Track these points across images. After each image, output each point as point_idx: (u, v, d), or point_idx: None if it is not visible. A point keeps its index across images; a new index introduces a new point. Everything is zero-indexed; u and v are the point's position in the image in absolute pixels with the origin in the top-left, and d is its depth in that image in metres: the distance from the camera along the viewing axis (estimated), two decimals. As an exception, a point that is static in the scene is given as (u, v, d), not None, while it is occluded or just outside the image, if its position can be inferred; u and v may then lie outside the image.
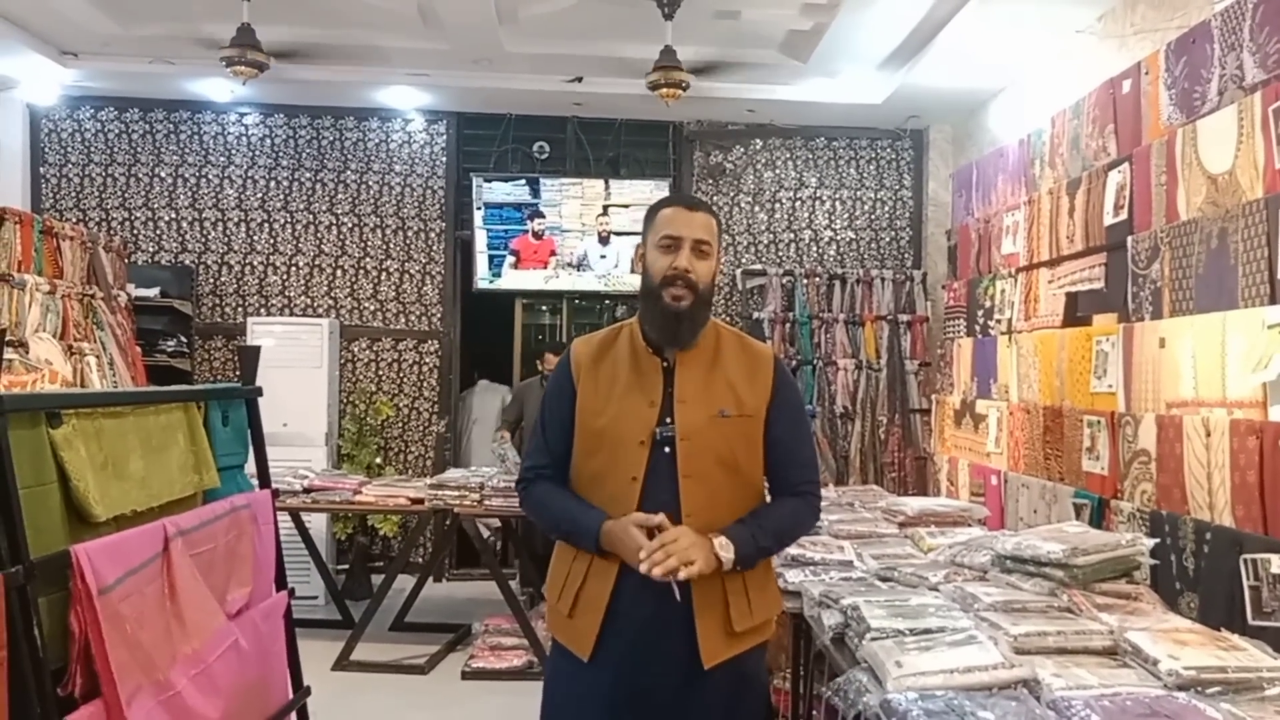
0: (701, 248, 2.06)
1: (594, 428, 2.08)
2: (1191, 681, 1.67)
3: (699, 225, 2.07)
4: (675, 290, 2.03)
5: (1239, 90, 3.19)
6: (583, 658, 2.03)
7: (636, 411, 2.06)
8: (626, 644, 2.01)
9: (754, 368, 2.13)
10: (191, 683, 2.11)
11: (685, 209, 2.09)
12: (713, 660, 2.00)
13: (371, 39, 5.89)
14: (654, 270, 2.07)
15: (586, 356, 2.15)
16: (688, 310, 2.04)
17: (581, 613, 2.05)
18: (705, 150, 7.16)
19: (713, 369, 2.11)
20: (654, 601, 1.98)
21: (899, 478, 6.64)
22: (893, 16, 5.23)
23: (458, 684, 4.76)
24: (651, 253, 2.09)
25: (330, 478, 5.27)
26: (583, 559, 2.07)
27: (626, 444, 2.04)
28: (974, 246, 5.42)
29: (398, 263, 7.05)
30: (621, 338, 2.17)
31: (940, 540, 2.89)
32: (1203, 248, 3.21)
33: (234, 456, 2.85)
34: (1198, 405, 3.13)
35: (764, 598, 2.11)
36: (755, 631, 2.09)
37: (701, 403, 2.06)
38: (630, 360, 2.12)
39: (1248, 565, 2.72)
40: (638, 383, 2.09)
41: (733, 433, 2.07)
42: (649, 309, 2.10)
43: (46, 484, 1.88)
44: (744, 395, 2.09)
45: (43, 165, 6.87)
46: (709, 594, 2.01)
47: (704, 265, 2.06)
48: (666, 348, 2.10)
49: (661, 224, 2.08)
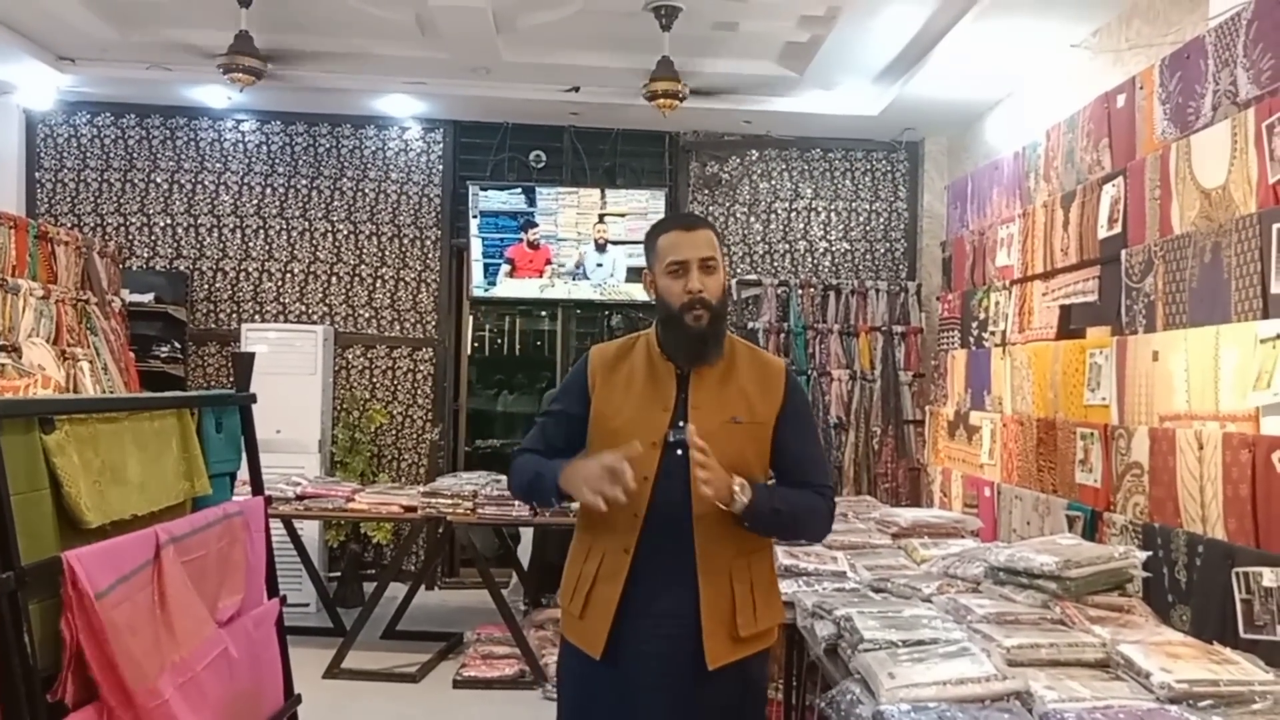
0: (708, 264, 2.12)
1: (609, 429, 2.14)
2: (1184, 694, 1.67)
3: (702, 243, 2.13)
4: (696, 313, 2.10)
5: (1233, 105, 3.20)
6: (594, 656, 2.08)
7: (651, 414, 2.13)
8: (636, 643, 2.06)
9: (766, 378, 2.20)
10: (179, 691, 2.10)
11: (685, 230, 2.17)
12: (717, 662, 2.04)
13: (369, 47, 5.90)
14: (670, 297, 2.13)
15: (603, 362, 2.23)
16: (710, 330, 2.12)
17: (592, 613, 2.10)
18: (701, 161, 7.18)
19: (727, 378, 2.17)
20: (662, 602, 2.05)
21: (892, 489, 6.64)
22: (889, 29, 5.25)
23: (449, 693, 4.74)
24: (663, 280, 2.15)
25: (323, 485, 5.26)
26: (593, 560, 2.12)
27: (640, 445, 2.07)
28: (968, 258, 5.43)
29: (393, 270, 7.05)
30: (638, 347, 2.24)
31: (933, 552, 2.89)
32: (1196, 261, 3.22)
33: (227, 463, 2.84)
34: (1191, 418, 3.14)
35: (769, 605, 2.16)
36: (759, 638, 2.13)
37: (715, 409, 2.12)
38: (646, 368, 2.19)
39: (1240, 578, 2.73)
40: (653, 388, 2.16)
41: (744, 438, 2.13)
42: (672, 334, 2.16)
43: (38, 490, 1.87)
44: (756, 404, 2.16)
45: (38, 170, 6.86)
46: (716, 597, 2.05)
47: (714, 281, 2.13)
48: (692, 366, 2.16)
49: (665, 250, 2.15)
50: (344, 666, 4.87)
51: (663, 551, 2.06)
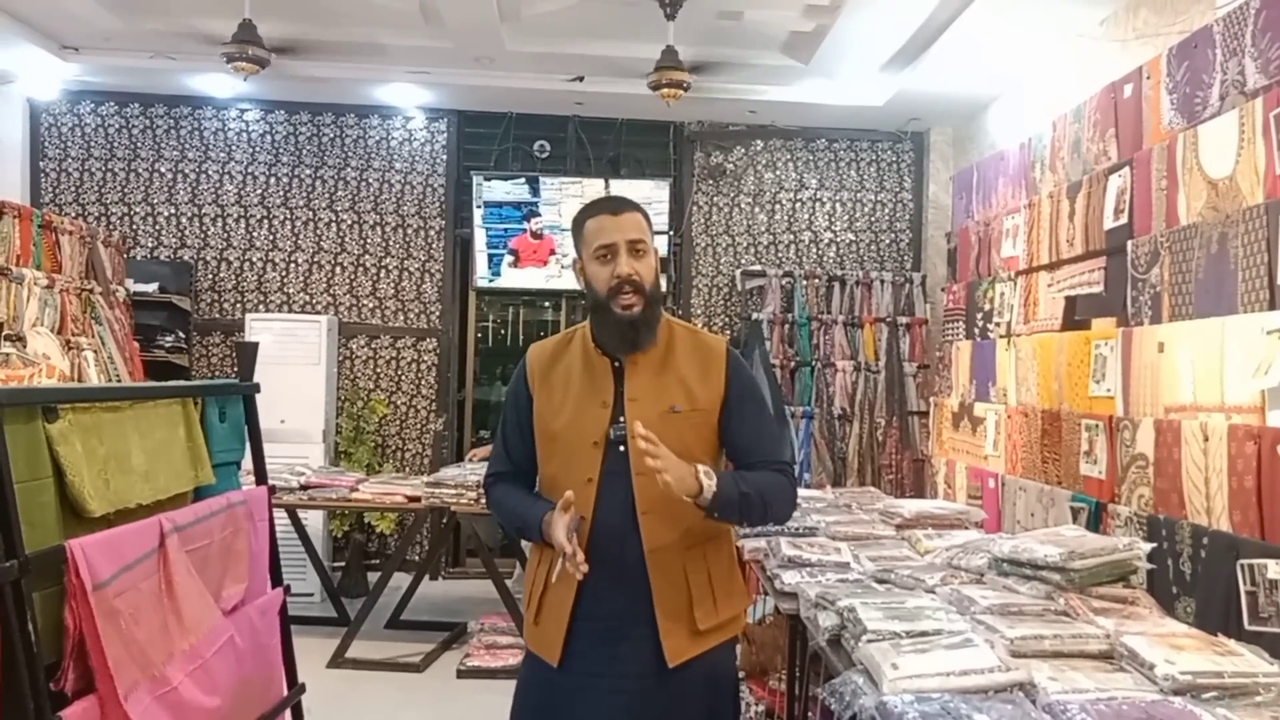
0: (637, 247, 2.04)
1: (550, 431, 2.10)
2: (1187, 686, 1.67)
3: (629, 226, 2.05)
4: (625, 299, 2.02)
5: (1240, 95, 3.19)
6: (551, 663, 2.04)
7: (590, 413, 2.06)
8: (592, 646, 2.01)
9: (706, 362, 2.12)
10: (190, 678, 2.10)
11: (610, 214, 2.07)
12: (678, 659, 2.00)
13: (373, 36, 5.89)
14: (597, 283, 2.05)
15: (540, 363, 2.17)
16: (641, 315, 2.03)
17: (546, 619, 2.06)
18: (706, 151, 7.16)
19: (664, 366, 2.10)
20: (615, 603, 2.00)
21: (896, 480, 6.63)
22: (895, 19, 5.23)
23: (453, 682, 4.75)
24: (590, 266, 2.07)
25: (327, 475, 5.26)
26: (544, 566, 2.08)
27: (581, 445, 2.05)
28: (973, 249, 5.42)
29: (397, 260, 7.04)
30: (574, 342, 2.17)
31: (937, 543, 2.88)
32: (1202, 253, 3.21)
33: (231, 453, 2.84)
34: (1196, 410, 3.13)
35: (729, 595, 2.11)
36: (722, 629, 2.09)
37: (652, 400, 2.05)
38: (583, 364, 2.12)
39: (1244, 570, 2.72)
40: (590, 385, 2.09)
41: (685, 427, 2.05)
42: (601, 321, 2.08)
43: (42, 479, 1.87)
44: (696, 390, 2.08)
45: (42, 159, 6.86)
46: (669, 592, 2.01)
47: (644, 264, 2.05)
48: (625, 355, 2.08)
49: (591, 235, 2.06)
50: (348, 656, 4.89)
51: (612, 552, 1.99)
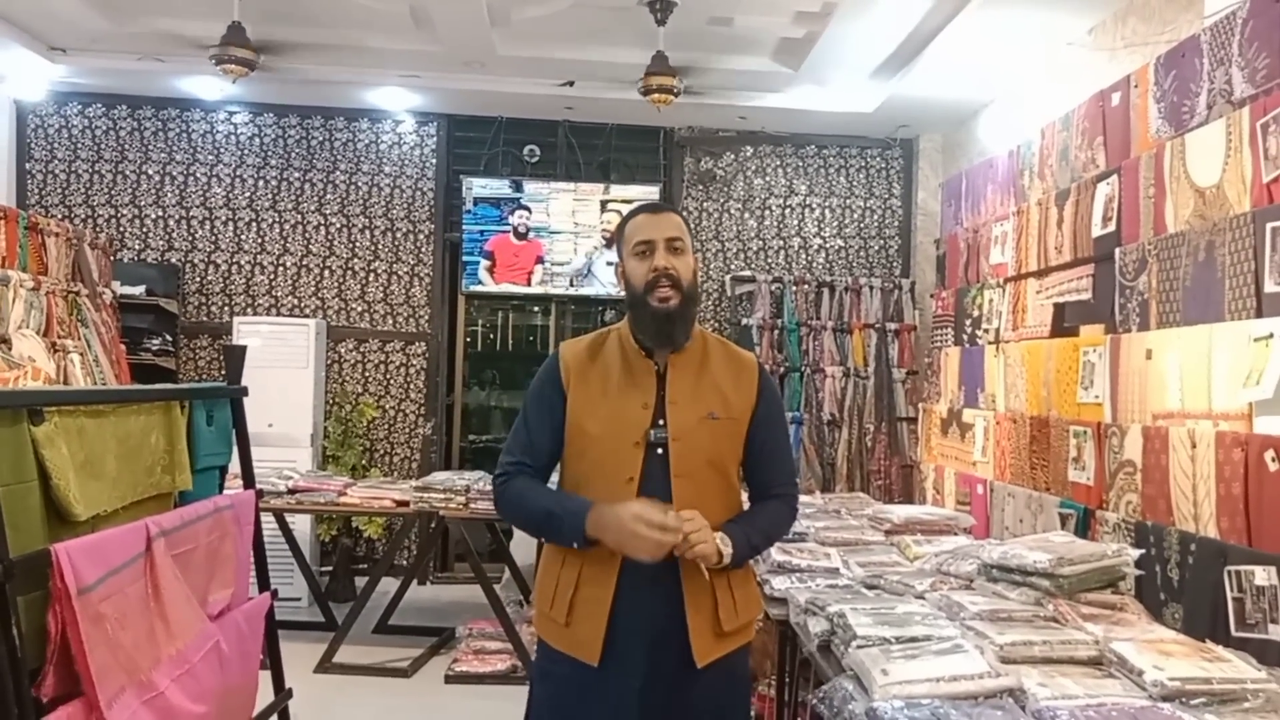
0: (675, 245, 2.10)
1: (587, 430, 2.10)
2: (1176, 692, 1.67)
3: (668, 225, 2.11)
4: (662, 291, 2.06)
5: (1227, 104, 3.21)
6: (591, 664, 2.04)
7: (631, 413, 2.09)
8: (631, 646, 2.04)
9: (739, 373, 2.18)
10: (176, 684, 2.09)
11: (651, 214, 2.15)
12: (705, 659, 2.04)
13: (362, 39, 5.88)
14: (635, 278, 2.11)
15: (576, 360, 2.17)
16: (678, 309, 2.08)
17: (581, 619, 2.06)
18: (696, 156, 7.17)
19: (701, 373, 2.14)
20: (651, 603, 2.03)
21: (885, 485, 6.64)
22: (885, 26, 5.24)
23: (441, 687, 4.73)
24: (629, 263, 2.13)
25: (315, 479, 5.24)
26: (572, 566, 2.08)
27: (621, 445, 2.07)
28: (962, 256, 5.43)
29: (386, 264, 7.02)
30: (610, 341, 2.19)
31: (926, 548, 2.89)
32: (1190, 260, 3.22)
33: (218, 456, 2.83)
34: (1184, 417, 3.14)
35: (748, 599, 2.16)
36: (741, 632, 2.14)
37: (691, 405, 2.10)
38: (622, 363, 2.14)
39: (1232, 577, 2.73)
40: (631, 385, 2.11)
41: (720, 434, 2.11)
42: (639, 316, 2.12)
43: (27, 482, 1.86)
44: (731, 399, 2.13)
45: (29, 161, 6.82)
46: (699, 595, 2.05)
47: (682, 261, 2.10)
48: (661, 350, 2.13)
49: (632, 233, 2.13)
50: (335, 661, 4.86)
51: None
